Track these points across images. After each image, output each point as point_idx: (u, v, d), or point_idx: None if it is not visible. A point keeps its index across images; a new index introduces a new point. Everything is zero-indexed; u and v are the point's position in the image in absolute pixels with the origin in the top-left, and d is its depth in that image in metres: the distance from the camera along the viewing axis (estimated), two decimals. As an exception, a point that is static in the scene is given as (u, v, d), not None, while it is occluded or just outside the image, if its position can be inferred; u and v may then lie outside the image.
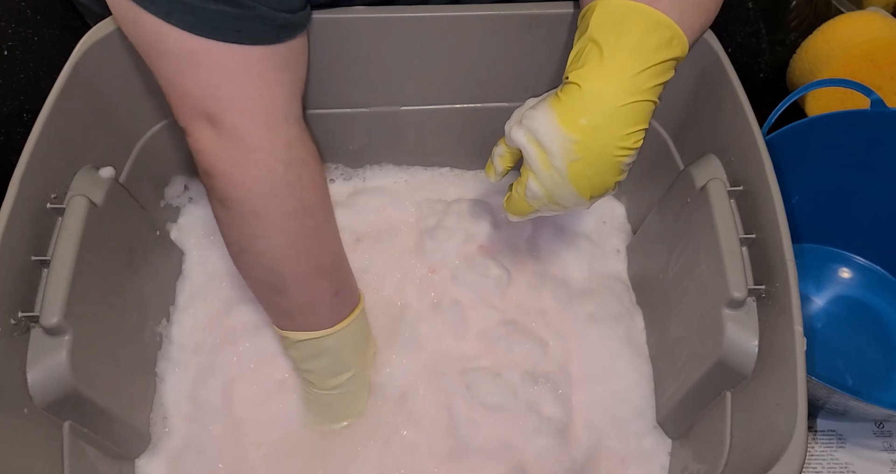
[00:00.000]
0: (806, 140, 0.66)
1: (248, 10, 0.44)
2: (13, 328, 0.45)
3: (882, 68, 0.77)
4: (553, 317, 0.65)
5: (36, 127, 0.48)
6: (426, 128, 0.68)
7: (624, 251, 0.70)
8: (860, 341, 0.72)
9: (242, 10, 0.44)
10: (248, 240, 0.51)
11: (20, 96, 0.60)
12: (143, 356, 0.59)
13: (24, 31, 0.61)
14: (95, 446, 0.51)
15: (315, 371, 0.57)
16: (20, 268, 0.46)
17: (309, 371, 0.57)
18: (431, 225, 0.68)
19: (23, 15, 0.62)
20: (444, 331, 0.63)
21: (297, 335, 0.55)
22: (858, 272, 0.77)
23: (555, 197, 0.47)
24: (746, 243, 0.51)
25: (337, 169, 0.72)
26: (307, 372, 0.57)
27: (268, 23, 0.46)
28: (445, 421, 0.59)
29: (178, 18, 0.43)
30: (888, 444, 0.67)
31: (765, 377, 0.47)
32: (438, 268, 0.66)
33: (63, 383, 0.46)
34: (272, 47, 0.47)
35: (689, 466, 0.54)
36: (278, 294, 0.53)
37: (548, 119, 0.45)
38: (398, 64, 0.60)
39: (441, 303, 0.64)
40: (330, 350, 0.56)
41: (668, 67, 0.46)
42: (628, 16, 0.44)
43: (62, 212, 0.49)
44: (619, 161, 0.45)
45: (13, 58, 0.60)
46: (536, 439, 0.58)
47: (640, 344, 0.63)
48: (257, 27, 0.45)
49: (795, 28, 0.87)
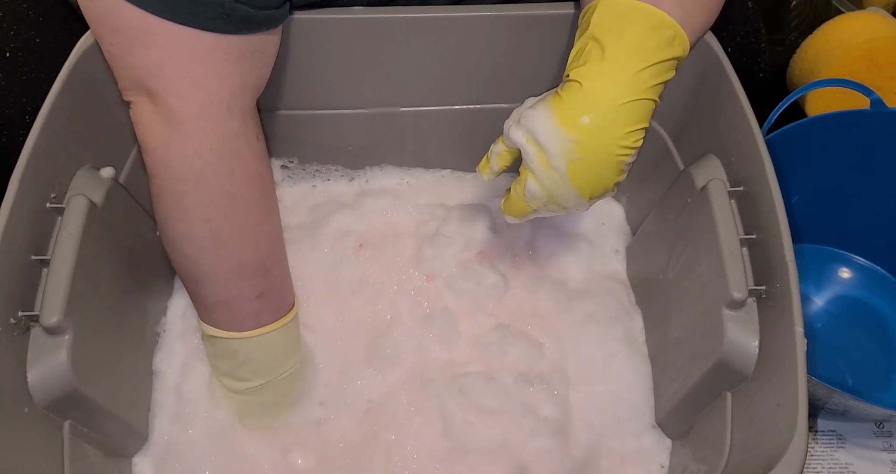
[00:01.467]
0: (806, 140, 0.66)
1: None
2: (13, 327, 0.45)
3: (882, 68, 0.77)
4: (549, 319, 0.64)
5: (35, 127, 0.48)
6: (426, 129, 0.68)
7: (623, 251, 0.70)
8: (860, 341, 0.72)
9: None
10: (168, 220, 0.51)
11: (22, 98, 0.60)
12: (143, 355, 0.59)
13: (26, 33, 0.61)
14: (95, 445, 0.51)
15: (222, 370, 0.56)
16: (20, 267, 0.46)
17: (216, 368, 0.56)
18: (431, 231, 0.68)
19: (25, 17, 0.62)
20: (432, 341, 0.63)
21: (210, 329, 0.54)
22: (858, 272, 0.76)
23: (554, 197, 0.47)
24: (747, 243, 0.51)
25: (337, 170, 0.72)
26: (215, 368, 0.56)
27: (228, 12, 0.46)
28: (438, 424, 0.58)
29: None
30: (888, 444, 0.67)
31: (765, 377, 0.47)
32: (435, 277, 0.66)
33: (63, 382, 0.46)
34: (228, 37, 0.47)
35: (689, 466, 0.54)
36: (194, 283, 0.53)
37: (546, 119, 0.45)
38: (397, 65, 0.60)
39: (432, 313, 0.64)
40: (240, 354, 0.54)
41: (670, 67, 0.46)
42: (630, 15, 0.44)
43: (62, 212, 0.49)
44: (620, 160, 0.45)
45: (15, 59, 0.60)
46: (535, 439, 0.58)
47: (639, 343, 0.63)
48: (216, 14, 0.45)
49: (795, 28, 0.87)
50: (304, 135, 0.66)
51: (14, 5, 0.62)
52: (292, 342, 0.58)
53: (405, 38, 0.58)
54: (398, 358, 0.61)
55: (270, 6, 0.48)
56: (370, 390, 0.60)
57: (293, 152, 0.69)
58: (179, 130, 0.48)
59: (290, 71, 0.60)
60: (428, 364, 0.62)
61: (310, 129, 0.66)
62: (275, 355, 0.56)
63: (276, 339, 0.55)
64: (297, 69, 0.60)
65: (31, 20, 0.62)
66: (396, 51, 0.59)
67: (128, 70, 0.47)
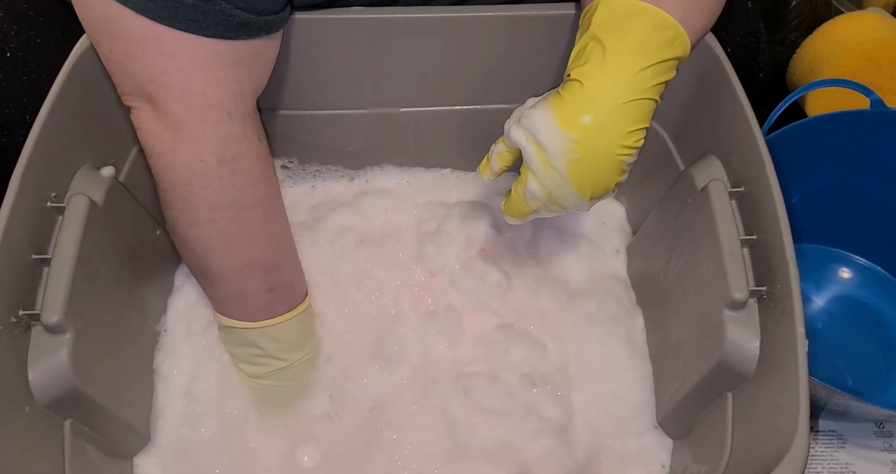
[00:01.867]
0: (806, 140, 0.66)
1: (208, 4, 0.44)
2: (14, 326, 0.45)
3: (882, 68, 0.77)
4: (551, 319, 0.65)
5: (35, 126, 0.48)
6: (426, 129, 0.68)
7: (624, 251, 0.70)
8: (860, 341, 0.72)
9: (201, 2, 0.44)
10: (177, 223, 0.51)
11: (23, 98, 0.60)
12: (143, 354, 0.60)
13: (26, 33, 0.61)
14: (96, 444, 0.51)
15: (240, 357, 0.57)
16: (21, 266, 0.46)
17: (234, 355, 0.58)
18: (433, 229, 0.68)
19: (25, 17, 0.62)
20: (437, 339, 0.63)
21: (225, 320, 0.55)
22: (859, 272, 0.77)
23: (555, 197, 0.47)
24: (747, 244, 0.51)
25: (337, 171, 0.72)
26: (233, 356, 0.58)
27: (228, 18, 0.46)
28: (441, 424, 0.58)
29: (134, 2, 0.44)
30: (888, 444, 0.67)
31: (766, 378, 0.47)
32: (438, 273, 0.66)
33: (64, 381, 0.46)
34: (228, 43, 0.47)
35: (690, 467, 0.54)
36: (206, 279, 0.54)
37: (547, 119, 0.45)
38: (397, 65, 0.60)
39: (437, 310, 0.64)
40: (257, 342, 0.56)
41: (670, 67, 0.46)
42: (631, 14, 0.45)
43: (62, 211, 0.49)
44: (621, 160, 0.45)
45: (15, 59, 0.60)
46: (538, 440, 0.58)
47: (640, 343, 0.63)
48: (216, 20, 0.45)
49: (795, 28, 0.87)
50: (305, 136, 0.66)
51: (14, 5, 0.62)
52: (307, 329, 0.60)
53: (405, 39, 0.58)
54: (404, 355, 0.62)
55: (271, 12, 0.49)
56: (376, 388, 0.60)
57: (293, 152, 0.69)
58: (182, 135, 0.48)
59: (290, 71, 0.60)
60: (433, 362, 0.62)
61: (310, 130, 0.66)
62: (290, 342, 0.58)
63: (290, 328, 0.57)
64: (298, 69, 0.60)
65: (32, 20, 0.62)
66: (396, 51, 0.59)
67: (128, 76, 0.48)
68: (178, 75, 0.46)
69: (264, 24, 0.49)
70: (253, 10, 0.47)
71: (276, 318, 0.56)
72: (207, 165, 0.49)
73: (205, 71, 0.47)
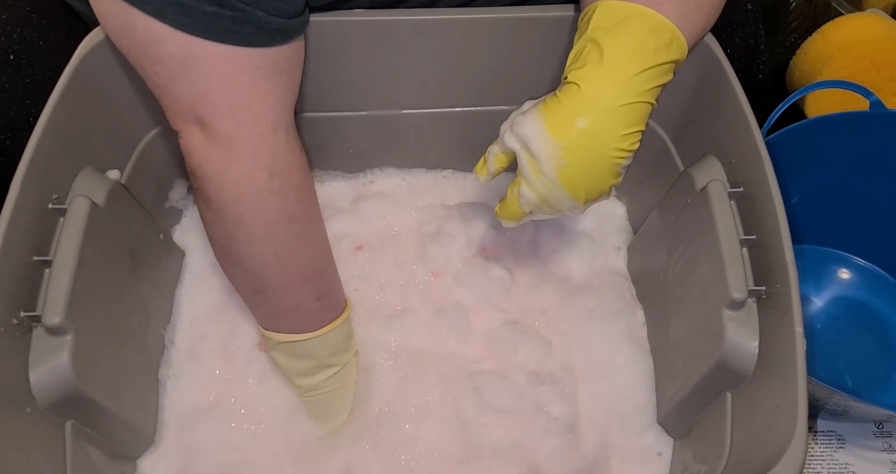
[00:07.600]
0: (805, 141, 0.66)
1: (243, 13, 0.45)
2: (15, 328, 0.45)
3: (881, 70, 0.77)
4: (555, 315, 0.65)
5: (37, 128, 0.48)
6: (427, 131, 0.68)
7: (624, 249, 0.70)
8: (860, 342, 0.72)
9: (237, 13, 0.44)
10: (231, 242, 0.51)
11: (26, 100, 0.60)
12: (145, 356, 0.60)
13: (29, 36, 0.61)
14: (97, 446, 0.51)
15: (295, 372, 0.57)
16: (22, 267, 0.46)
17: (290, 370, 0.57)
18: (433, 230, 0.69)
19: (28, 19, 0.62)
20: (447, 335, 0.63)
21: (278, 336, 0.55)
22: (858, 273, 0.77)
23: (548, 201, 0.48)
24: (747, 244, 0.51)
25: (337, 173, 0.72)
26: (289, 371, 0.58)
27: (263, 26, 0.46)
28: (454, 424, 0.59)
29: (171, 18, 0.44)
30: (888, 445, 0.67)
31: (765, 378, 0.47)
32: (441, 273, 0.66)
33: (65, 383, 0.46)
34: (264, 51, 0.47)
35: (690, 467, 0.54)
36: (261, 296, 0.54)
37: (535, 126, 0.46)
38: (398, 67, 0.61)
39: (444, 307, 0.65)
40: (311, 353, 0.56)
41: (667, 70, 0.46)
42: (629, 17, 0.45)
43: (64, 213, 0.49)
44: (616, 163, 0.46)
45: (19, 62, 0.60)
46: (547, 440, 0.58)
47: (641, 338, 0.64)
48: (252, 29, 0.46)
49: (795, 29, 0.87)
50: (306, 138, 0.66)
51: (17, 8, 0.62)
52: (350, 332, 0.61)
53: (406, 41, 0.58)
54: (414, 352, 0.62)
55: (296, 14, 0.49)
56: (388, 386, 0.61)
57: (294, 154, 0.69)
58: (233, 153, 0.48)
59: (291, 73, 0.60)
60: (444, 360, 0.62)
61: (311, 132, 0.66)
62: (339, 348, 0.59)
63: (339, 333, 0.58)
64: (299, 71, 0.60)
65: (35, 23, 0.62)
66: (398, 53, 0.59)
67: (176, 99, 0.47)
68: (222, 91, 0.46)
69: (295, 27, 0.49)
70: (285, 15, 0.47)
71: (328, 325, 0.56)
72: (259, 181, 0.49)
73: (247, 85, 0.47)
